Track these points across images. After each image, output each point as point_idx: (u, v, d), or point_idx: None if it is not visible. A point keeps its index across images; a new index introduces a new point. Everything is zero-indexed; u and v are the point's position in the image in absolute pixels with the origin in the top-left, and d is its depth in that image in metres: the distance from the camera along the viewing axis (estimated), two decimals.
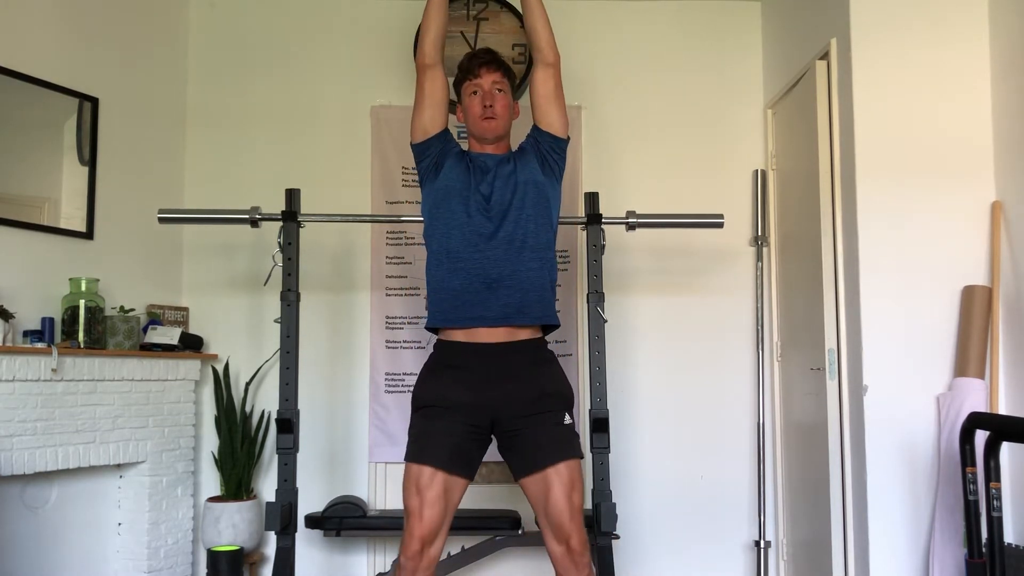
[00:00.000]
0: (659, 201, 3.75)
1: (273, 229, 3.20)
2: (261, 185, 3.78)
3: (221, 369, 3.83)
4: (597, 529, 2.85)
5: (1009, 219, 3.06)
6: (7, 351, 2.97)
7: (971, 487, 2.62)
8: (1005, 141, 3.09)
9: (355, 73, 4.09)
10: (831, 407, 3.25)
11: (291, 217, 3.11)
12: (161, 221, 3.22)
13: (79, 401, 3.26)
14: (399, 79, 3.99)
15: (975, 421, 2.64)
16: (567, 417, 2.45)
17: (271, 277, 3.13)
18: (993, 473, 2.52)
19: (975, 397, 2.95)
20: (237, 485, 3.73)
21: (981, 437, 2.60)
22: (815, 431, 3.41)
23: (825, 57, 3.35)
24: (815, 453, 3.41)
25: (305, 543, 3.71)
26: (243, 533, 3.65)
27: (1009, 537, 2.86)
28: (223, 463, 3.75)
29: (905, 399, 3.06)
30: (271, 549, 3.72)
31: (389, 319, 3.97)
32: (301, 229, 3.14)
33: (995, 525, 2.52)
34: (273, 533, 2.99)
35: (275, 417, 3.06)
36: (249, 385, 3.90)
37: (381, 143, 4.03)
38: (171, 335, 3.61)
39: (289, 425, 3.00)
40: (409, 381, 3.91)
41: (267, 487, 3.85)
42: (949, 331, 3.08)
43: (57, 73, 3.42)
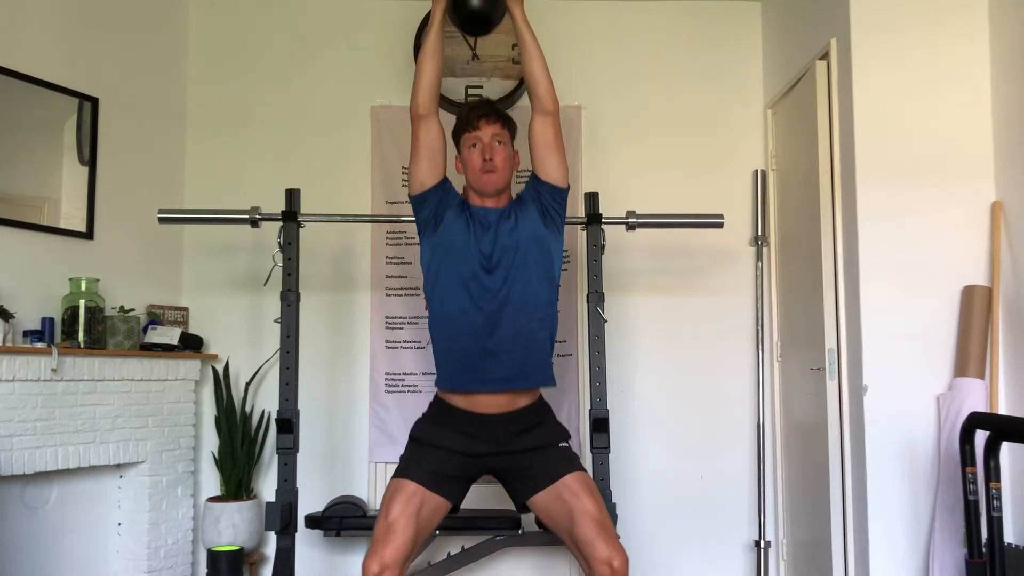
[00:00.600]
0: (659, 201, 3.74)
1: (273, 229, 3.21)
2: (261, 185, 3.78)
3: (221, 369, 3.83)
4: None
5: (1009, 219, 3.06)
6: (7, 351, 2.97)
7: (971, 487, 2.62)
8: (1005, 141, 3.09)
9: (355, 73, 4.09)
10: (831, 407, 3.25)
11: (291, 217, 3.11)
12: (161, 221, 3.23)
13: (79, 401, 3.26)
14: (399, 79, 3.99)
15: (975, 421, 2.64)
16: (564, 443, 2.51)
17: (271, 277, 3.14)
18: (993, 473, 2.52)
19: (975, 397, 2.95)
20: (237, 485, 3.73)
21: (981, 437, 2.60)
22: (815, 431, 3.41)
23: (825, 57, 3.35)
24: (815, 453, 3.41)
25: (305, 543, 3.71)
26: (243, 533, 3.65)
27: (1009, 537, 2.86)
28: (223, 463, 3.75)
29: (905, 399, 3.06)
30: (271, 549, 3.73)
31: (389, 319, 3.97)
32: (301, 229, 3.15)
33: (995, 525, 2.52)
34: (273, 533, 3.00)
35: (275, 417, 3.07)
36: (249, 385, 3.90)
37: (381, 143, 4.03)
38: (171, 335, 3.62)
39: (289, 425, 3.01)
40: (409, 381, 3.92)
41: (267, 487, 3.85)
42: (949, 331, 3.08)
43: (57, 73, 3.42)
